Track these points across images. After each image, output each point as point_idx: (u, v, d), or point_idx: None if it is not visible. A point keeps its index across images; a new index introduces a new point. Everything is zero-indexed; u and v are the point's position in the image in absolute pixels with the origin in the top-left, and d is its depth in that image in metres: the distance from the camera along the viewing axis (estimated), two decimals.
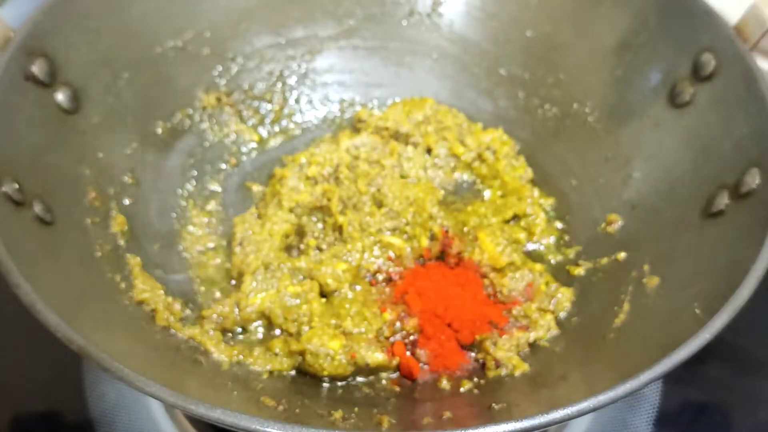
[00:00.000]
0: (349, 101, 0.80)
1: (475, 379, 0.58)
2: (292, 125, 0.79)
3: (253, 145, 0.76)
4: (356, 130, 0.77)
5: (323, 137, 0.77)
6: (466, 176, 0.75)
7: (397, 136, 0.75)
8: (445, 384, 0.58)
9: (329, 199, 0.69)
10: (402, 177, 0.72)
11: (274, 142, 0.77)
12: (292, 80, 0.78)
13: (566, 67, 0.73)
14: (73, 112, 0.59)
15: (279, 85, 0.78)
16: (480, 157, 0.74)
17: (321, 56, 0.78)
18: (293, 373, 0.59)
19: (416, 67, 0.79)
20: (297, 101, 0.79)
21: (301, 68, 0.78)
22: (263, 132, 0.77)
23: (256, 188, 0.73)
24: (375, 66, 0.79)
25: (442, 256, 0.68)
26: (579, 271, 0.66)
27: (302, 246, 0.67)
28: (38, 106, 0.56)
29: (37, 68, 0.55)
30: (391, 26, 0.78)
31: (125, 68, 0.65)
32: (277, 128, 0.78)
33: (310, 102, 0.79)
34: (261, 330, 0.62)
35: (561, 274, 0.66)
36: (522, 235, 0.68)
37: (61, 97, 0.58)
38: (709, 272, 0.51)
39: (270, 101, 0.77)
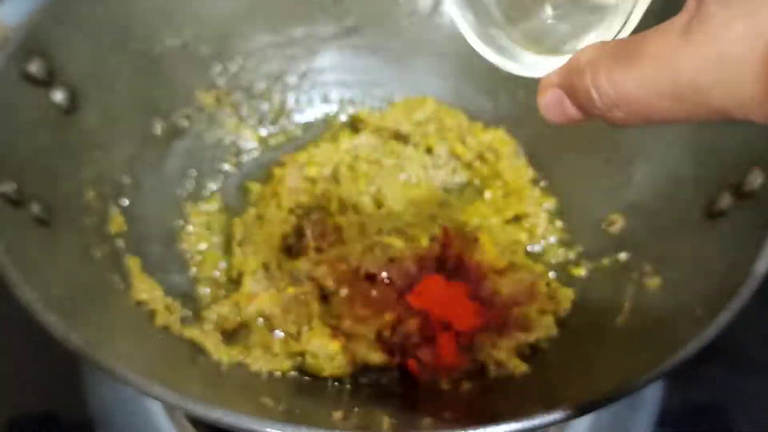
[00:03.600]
0: (349, 100, 0.80)
1: (476, 380, 0.58)
2: (291, 125, 0.78)
3: (253, 144, 0.76)
4: (356, 130, 0.76)
5: (323, 137, 0.77)
6: (466, 176, 0.75)
7: (397, 136, 0.75)
8: (445, 384, 0.58)
9: (329, 200, 0.69)
10: (402, 177, 0.72)
11: (273, 142, 0.77)
12: (291, 79, 0.78)
13: None
14: (71, 112, 0.58)
15: (279, 84, 0.77)
16: (481, 157, 0.74)
17: (321, 55, 0.78)
18: (293, 373, 0.58)
19: (417, 66, 0.78)
20: (297, 101, 0.78)
21: (300, 68, 0.78)
22: (263, 132, 0.77)
23: (256, 188, 0.73)
24: (375, 65, 0.79)
25: (441, 259, 0.67)
26: (580, 271, 0.65)
27: (301, 247, 0.67)
28: (36, 105, 0.55)
29: (35, 67, 0.55)
30: (391, 25, 0.77)
31: (124, 67, 0.64)
32: (276, 128, 0.78)
33: (310, 101, 0.79)
34: (260, 330, 0.61)
35: (562, 275, 0.66)
36: (523, 236, 0.68)
37: (59, 96, 0.57)
38: (710, 272, 0.51)
39: (269, 101, 0.77)
